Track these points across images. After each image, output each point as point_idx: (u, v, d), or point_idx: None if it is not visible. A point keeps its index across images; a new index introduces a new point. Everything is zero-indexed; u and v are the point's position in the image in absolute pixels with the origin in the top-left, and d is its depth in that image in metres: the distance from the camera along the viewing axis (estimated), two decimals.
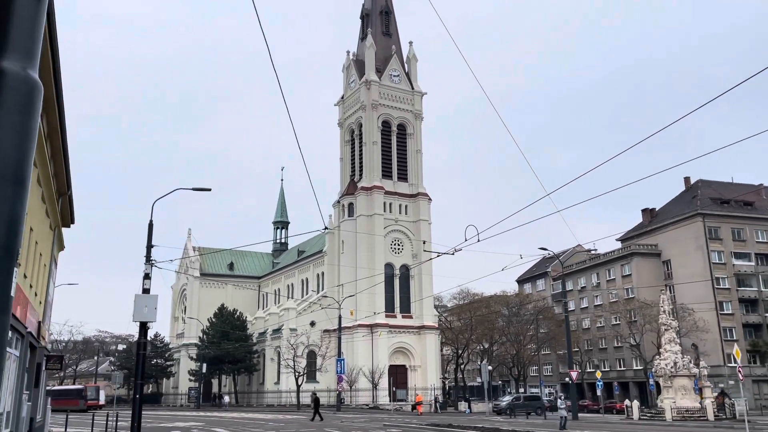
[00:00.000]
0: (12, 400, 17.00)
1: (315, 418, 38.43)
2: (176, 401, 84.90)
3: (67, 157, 23.72)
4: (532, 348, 76.41)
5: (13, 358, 16.89)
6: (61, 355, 27.04)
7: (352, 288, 64.60)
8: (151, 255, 24.33)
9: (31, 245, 20.29)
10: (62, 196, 27.95)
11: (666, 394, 38.85)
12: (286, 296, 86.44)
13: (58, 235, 30.15)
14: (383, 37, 79.18)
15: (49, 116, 19.50)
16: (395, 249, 72.92)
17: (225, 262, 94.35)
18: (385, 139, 75.39)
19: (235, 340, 72.54)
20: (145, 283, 23.84)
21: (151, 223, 24.83)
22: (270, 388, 72.16)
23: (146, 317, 23.08)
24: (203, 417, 46.34)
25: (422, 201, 74.76)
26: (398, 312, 71.28)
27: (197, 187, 25.50)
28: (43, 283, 26.89)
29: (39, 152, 18.46)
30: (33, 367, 22.09)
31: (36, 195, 20.13)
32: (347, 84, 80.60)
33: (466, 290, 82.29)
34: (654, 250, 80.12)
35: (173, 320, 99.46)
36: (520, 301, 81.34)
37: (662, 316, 41.03)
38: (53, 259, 29.47)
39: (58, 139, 21.41)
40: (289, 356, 62.78)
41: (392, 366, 68.20)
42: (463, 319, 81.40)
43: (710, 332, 68.31)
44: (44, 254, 25.67)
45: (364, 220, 71.61)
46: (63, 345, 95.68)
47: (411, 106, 77.60)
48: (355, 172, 76.65)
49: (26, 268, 19.47)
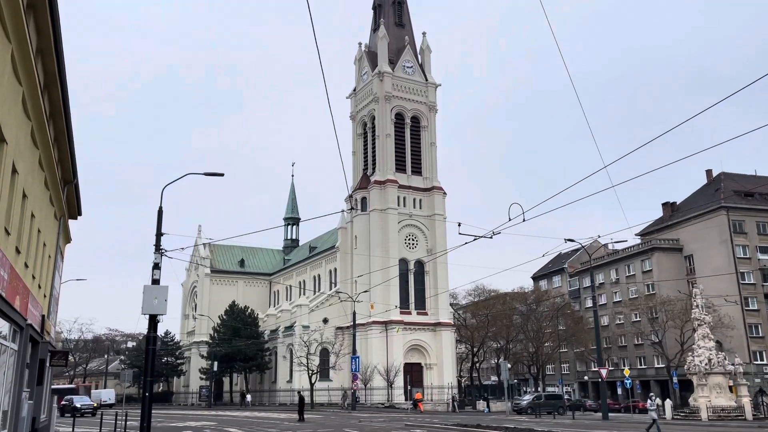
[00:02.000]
0: (10, 398, 15.45)
1: (301, 417, 35.97)
2: (187, 400, 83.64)
3: (71, 141, 22.15)
4: (551, 345, 74.49)
5: (10, 352, 15.34)
6: (66, 351, 25.44)
7: (366, 284, 63.01)
8: (160, 243, 22.76)
9: (33, 233, 18.72)
10: (68, 185, 26.42)
11: (700, 392, 36.93)
12: (298, 293, 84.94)
13: (64, 226, 28.67)
14: (396, 28, 77.42)
15: (51, 93, 17.94)
16: (409, 244, 71.17)
17: (236, 259, 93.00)
18: (398, 132, 73.62)
19: (247, 338, 71.12)
20: (155, 274, 22.28)
21: (160, 209, 23.27)
22: (282, 387, 70.66)
23: (156, 310, 21.52)
24: (215, 416, 44.88)
25: (437, 195, 72.94)
26: (413, 308, 69.57)
27: (209, 172, 23.89)
28: (48, 276, 25.39)
29: (41, 133, 16.88)
30: (35, 363, 20.57)
31: (38, 180, 18.56)
32: (359, 76, 78.91)
33: (482, 286, 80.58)
34: (676, 245, 77.98)
35: (184, 318, 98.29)
36: (539, 297, 79.36)
37: (695, 311, 39.11)
38: (59, 250, 27.95)
39: (61, 119, 19.83)
40: (302, 354, 61.17)
41: (407, 364, 66.52)
42: (479, 316, 79.63)
43: (736, 329, 66.16)
44: (49, 244, 24.15)
45: (377, 215, 69.91)
46: (73, 344, 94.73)
47: (425, 98, 75.78)
48: (367, 166, 74.94)
49: (27, 256, 17.90)
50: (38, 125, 16.28)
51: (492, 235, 18.07)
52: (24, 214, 16.35)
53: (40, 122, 16.35)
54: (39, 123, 16.27)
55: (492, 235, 18.07)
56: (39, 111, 15.79)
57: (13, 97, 12.94)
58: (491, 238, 18.34)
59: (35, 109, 15.33)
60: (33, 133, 15.94)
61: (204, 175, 23.62)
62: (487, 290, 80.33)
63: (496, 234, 17.90)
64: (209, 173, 23.82)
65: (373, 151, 74.41)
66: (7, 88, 12.23)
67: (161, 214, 23.19)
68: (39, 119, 16.10)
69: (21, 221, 16.12)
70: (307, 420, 37.99)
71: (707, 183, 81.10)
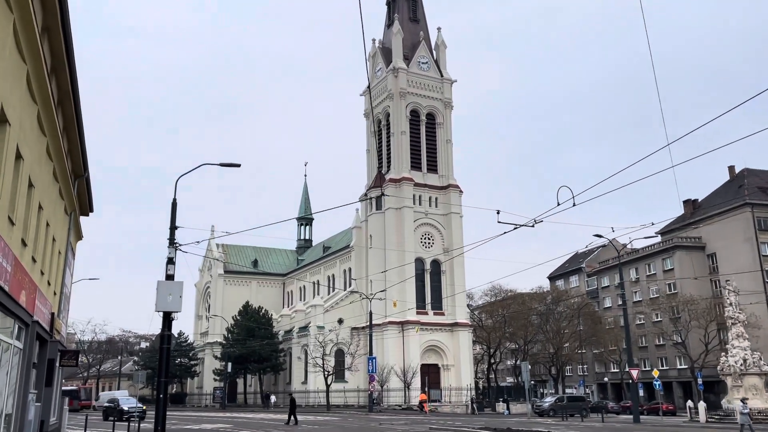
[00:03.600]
0: (14, 400, 14.41)
1: (290, 420, 33.62)
2: (201, 401, 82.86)
3: (81, 131, 21.14)
4: (571, 346, 72.88)
5: (14, 351, 14.29)
6: (77, 351, 24.39)
7: (381, 283, 61.84)
8: (174, 237, 21.68)
9: (41, 226, 17.69)
10: (78, 179, 25.47)
11: (735, 394, 35.33)
12: (312, 293, 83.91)
13: (75, 222, 27.71)
14: (410, 24, 76.17)
15: (59, 78, 16.93)
16: (425, 243, 69.83)
17: (249, 259, 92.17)
18: (413, 129, 72.32)
19: (261, 339, 70.14)
20: (169, 269, 21.18)
21: (174, 201, 22.20)
22: (297, 388, 69.51)
23: (170, 306, 20.41)
24: (230, 418, 43.82)
25: (453, 193, 71.55)
26: (429, 308, 68.25)
27: (224, 163, 22.78)
28: (58, 273, 24.43)
29: (48, 120, 15.82)
30: (43, 362, 19.54)
31: (46, 170, 17.51)
32: (373, 73, 77.72)
33: (498, 286, 79.08)
34: (698, 243, 76.14)
35: (197, 319, 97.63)
36: (558, 296, 77.73)
37: (728, 308, 37.55)
38: (70, 247, 26.98)
39: (70, 107, 18.80)
40: (318, 354, 60.00)
41: (424, 365, 65.20)
42: (496, 316, 78.20)
43: (762, 328, 64.24)
44: (59, 240, 23.17)
45: (392, 214, 68.65)
46: (87, 345, 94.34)
47: (440, 95, 74.44)
48: (382, 164, 73.71)
49: (35, 250, 16.86)
50: (45, 110, 15.23)
51: (534, 224, 16.74)
52: (31, 204, 15.32)
53: (48, 107, 15.30)
54: (46, 108, 15.22)
55: (534, 224, 16.74)
56: (46, 95, 14.74)
57: (16, 73, 11.89)
58: (533, 226, 17.02)
59: (41, 91, 14.29)
60: (39, 118, 14.89)
61: (219, 166, 22.54)
62: (504, 290, 78.79)
63: (538, 222, 16.59)
64: (225, 164, 22.73)
65: (387, 149, 73.19)
66: (9, 62, 11.20)
67: (175, 206, 22.14)
68: (46, 104, 15.06)
69: (27, 212, 15.09)
70: (324, 422, 36.80)
71: (730, 180, 79.26)
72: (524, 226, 16.97)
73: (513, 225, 17.33)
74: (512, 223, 17.33)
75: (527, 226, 16.90)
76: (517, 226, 17.34)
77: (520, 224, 17.08)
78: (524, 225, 16.93)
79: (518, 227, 17.27)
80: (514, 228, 17.30)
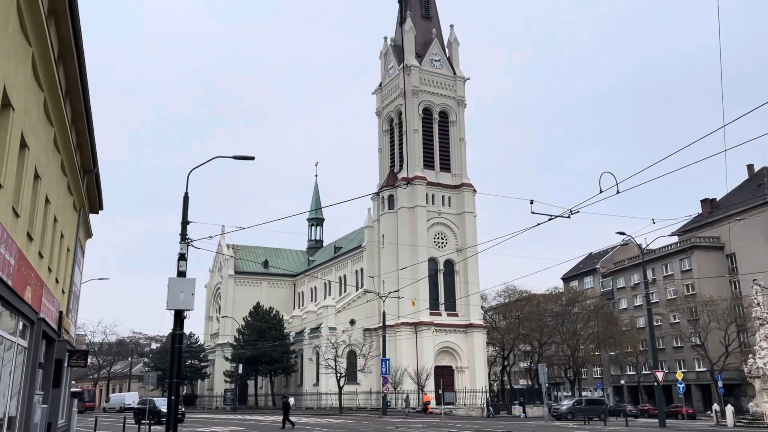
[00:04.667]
0: (18, 402, 13.58)
1: (285, 425, 32.32)
2: (211, 403, 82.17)
3: (90, 124, 20.31)
4: (587, 348, 71.54)
5: (18, 349, 13.46)
6: (86, 351, 23.59)
7: (394, 284, 60.90)
8: (186, 232, 20.83)
9: (48, 220, 16.84)
10: (88, 174, 24.73)
11: (764, 397, 34.11)
12: (323, 294, 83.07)
13: (84, 219, 26.97)
14: (423, 21, 75.24)
15: (66, 66, 16.14)
16: (438, 243, 68.81)
17: (259, 260, 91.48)
18: (426, 128, 71.31)
19: (272, 340, 69.32)
20: (181, 265, 20.34)
21: (186, 195, 21.35)
22: (309, 390, 68.65)
23: (182, 305, 19.57)
24: (241, 420, 43.01)
25: (466, 192, 70.49)
26: (443, 309, 67.19)
27: (238, 156, 21.91)
28: (67, 270, 23.65)
29: (56, 109, 14.99)
30: (51, 363, 18.73)
31: (53, 162, 16.67)
32: (385, 71, 76.84)
33: (512, 287, 77.80)
34: (717, 243, 74.68)
35: (207, 320, 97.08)
36: (575, 297, 76.41)
37: (756, 309, 36.35)
38: (79, 244, 26.23)
39: (78, 97, 17.96)
40: (330, 356, 59.05)
41: (437, 367, 64.13)
42: (509, 318, 77.03)
43: None
44: (67, 236, 22.38)
45: (405, 213, 67.68)
46: (97, 346, 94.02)
47: (453, 93, 73.42)
48: (394, 163, 72.77)
49: (42, 246, 16.04)
50: (52, 99, 14.40)
51: (570, 215, 15.87)
52: (37, 197, 14.48)
53: (55, 96, 14.47)
54: (53, 96, 14.38)
55: (570, 215, 15.87)
56: (53, 82, 13.91)
57: (20, 55, 11.06)
58: (569, 217, 16.13)
59: (48, 78, 13.45)
60: (46, 106, 14.06)
61: (233, 159, 21.67)
62: (519, 291, 77.53)
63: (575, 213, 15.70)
64: (238, 156, 21.87)
65: (400, 148, 72.24)
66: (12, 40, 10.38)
67: (187, 200, 21.29)
68: (53, 92, 14.23)
69: (34, 205, 14.26)
70: (339, 425, 35.87)
71: (748, 179, 77.85)
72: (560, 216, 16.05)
73: (548, 216, 16.43)
74: (547, 214, 16.45)
75: (563, 216, 15.97)
76: (552, 216, 16.43)
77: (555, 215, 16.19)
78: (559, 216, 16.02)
79: (553, 218, 16.35)
80: (549, 219, 16.40)
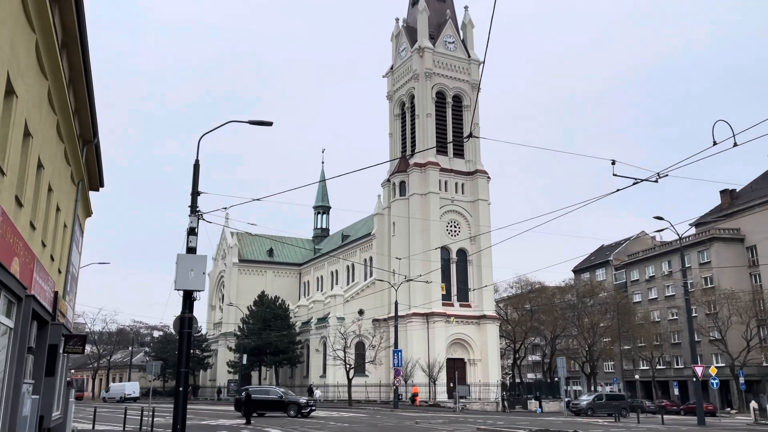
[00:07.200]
0: (2, 391, 11.38)
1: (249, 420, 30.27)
2: (214, 394, 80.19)
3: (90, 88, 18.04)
4: (605, 341, 69.38)
5: (2, 330, 11.23)
6: (83, 335, 21.32)
7: (405, 273, 58.74)
8: (197, 204, 18.57)
9: (41, 188, 14.48)
10: (87, 145, 22.50)
11: None
12: (330, 284, 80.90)
13: (83, 194, 24.69)
14: (436, 2, 72.59)
15: (63, 16, 13.84)
16: (451, 231, 66.47)
17: (264, 248, 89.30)
18: (439, 113, 68.79)
19: (277, 330, 67.18)
20: (190, 240, 18.07)
21: (197, 162, 19.09)
22: (315, 382, 66.54)
23: (192, 284, 17.33)
24: None
25: (480, 179, 68.10)
26: (455, 300, 64.99)
27: (254, 120, 19.61)
28: (64, 248, 21.38)
29: (50, 61, 12.65)
30: (43, 348, 16.50)
31: (48, 121, 14.25)
32: (397, 53, 74.29)
33: (525, 279, 75.59)
34: (737, 235, 72.39)
35: (210, 309, 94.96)
36: (591, 289, 74.14)
37: None
38: (77, 221, 23.98)
39: (77, 52, 15.70)
40: (338, 347, 56.85)
41: (449, 359, 61.99)
42: (522, 310, 74.89)
43: None
44: (64, 210, 20.08)
45: (417, 200, 65.32)
46: (97, 335, 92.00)
47: (467, 76, 70.90)
48: (406, 149, 70.27)
49: (35, 216, 13.69)
50: (47, 47, 12.04)
51: (657, 179, 13.77)
52: (28, 157, 12.15)
53: (51, 48, 12.14)
54: (48, 45, 12.04)
55: (657, 179, 13.77)
56: (49, 36, 11.69)
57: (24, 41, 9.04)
58: (656, 181, 14.03)
59: (43, 22, 11.25)
60: (40, 58, 11.75)
61: (248, 123, 19.37)
62: (532, 282, 75.31)
63: (662, 177, 13.56)
64: (254, 121, 19.56)
65: (412, 133, 69.80)
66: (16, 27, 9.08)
67: (197, 168, 19.03)
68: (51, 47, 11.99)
69: (24, 166, 11.95)
70: (351, 419, 33.69)
71: None
72: (646, 180, 13.90)
73: (633, 179, 14.29)
74: (632, 177, 14.32)
75: (649, 180, 13.86)
76: (637, 180, 14.30)
77: (641, 179, 14.05)
78: (646, 180, 13.87)
79: (639, 182, 14.20)
80: (635, 183, 14.27)
